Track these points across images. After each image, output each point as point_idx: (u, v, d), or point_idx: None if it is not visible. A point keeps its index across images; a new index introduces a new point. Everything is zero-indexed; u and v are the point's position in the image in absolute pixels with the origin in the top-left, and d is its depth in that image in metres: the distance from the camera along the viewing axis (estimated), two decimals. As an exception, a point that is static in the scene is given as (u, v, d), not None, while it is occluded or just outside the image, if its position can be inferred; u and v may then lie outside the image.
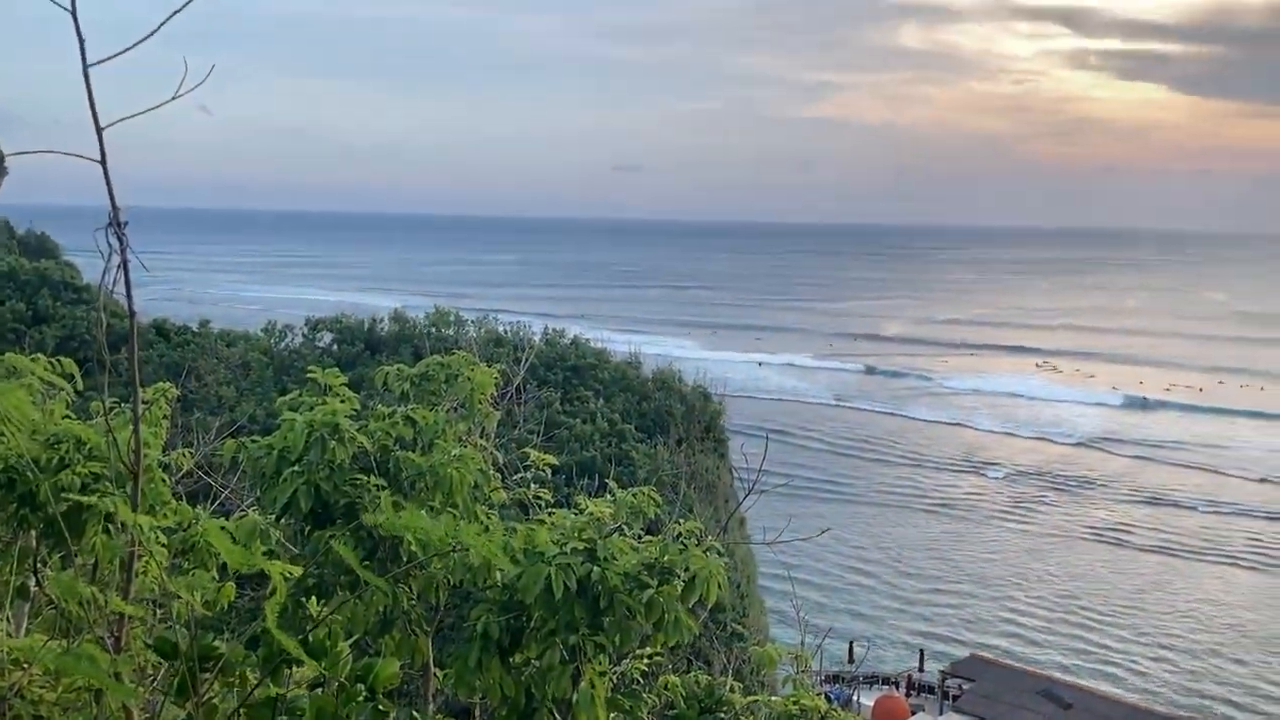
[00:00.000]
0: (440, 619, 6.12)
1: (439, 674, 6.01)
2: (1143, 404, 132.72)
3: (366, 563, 5.55)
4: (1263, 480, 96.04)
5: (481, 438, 6.78)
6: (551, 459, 6.89)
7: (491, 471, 6.36)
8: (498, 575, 5.52)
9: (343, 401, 6.11)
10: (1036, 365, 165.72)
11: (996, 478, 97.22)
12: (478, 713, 6.07)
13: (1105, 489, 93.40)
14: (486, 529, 5.69)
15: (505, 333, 52.55)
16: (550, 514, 6.13)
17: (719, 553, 5.74)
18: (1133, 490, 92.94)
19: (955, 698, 50.06)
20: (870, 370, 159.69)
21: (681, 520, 6.18)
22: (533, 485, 6.69)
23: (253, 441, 6.02)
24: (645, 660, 6.45)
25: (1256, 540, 79.44)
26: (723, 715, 6.51)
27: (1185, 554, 76.70)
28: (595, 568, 5.35)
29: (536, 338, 51.98)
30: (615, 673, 6.24)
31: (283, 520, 5.85)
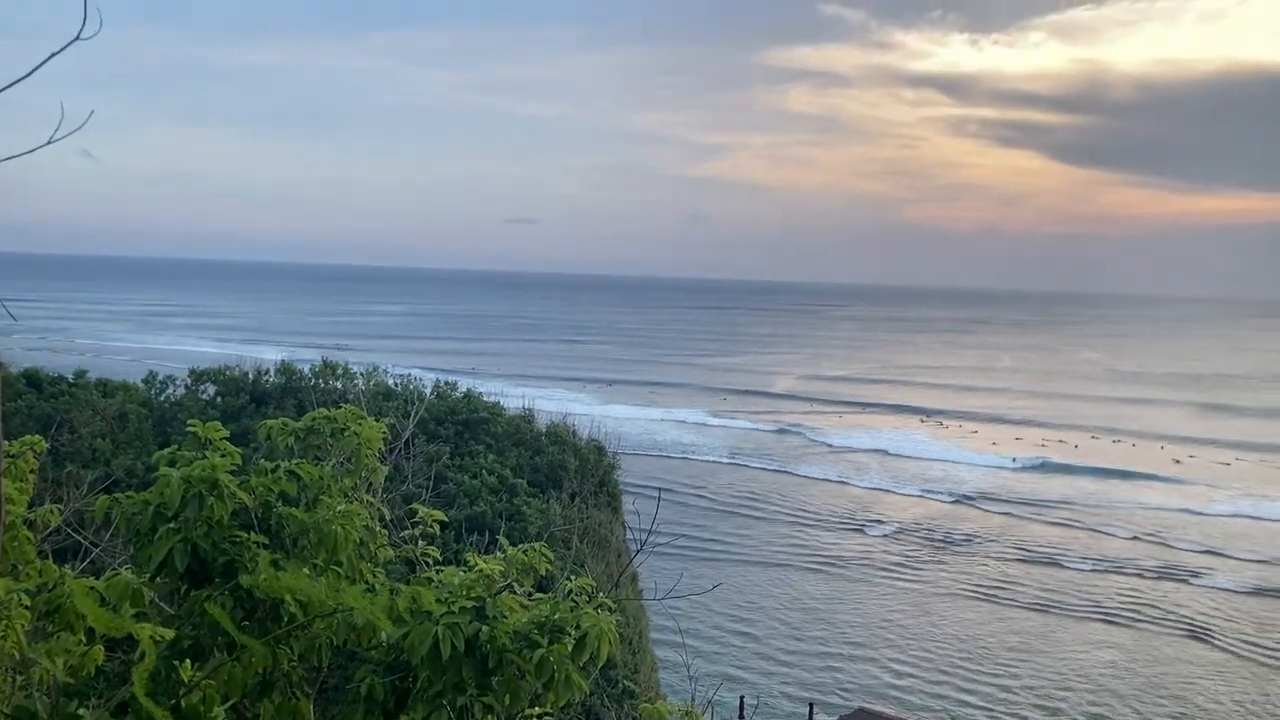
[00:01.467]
0: (323, 680, 5.94)
1: (320, 739, 5.81)
2: (1022, 462, 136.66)
3: (246, 623, 5.36)
4: (1134, 538, 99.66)
5: (368, 493, 6.65)
6: (440, 515, 6.78)
7: (378, 528, 6.22)
8: (383, 635, 5.38)
9: (223, 456, 5.92)
10: (920, 421, 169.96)
11: (880, 535, 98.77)
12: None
13: (985, 546, 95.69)
14: (371, 588, 5.57)
15: (395, 385, 51.75)
16: (439, 571, 6.02)
17: (610, 609, 5.71)
18: (1011, 547, 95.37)
19: (844, 751, 50.34)
20: (761, 427, 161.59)
21: (573, 576, 6.13)
22: (420, 542, 6.57)
23: (127, 497, 5.79)
24: (535, 720, 6.35)
25: (1128, 597, 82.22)
26: (612, 775, 6.43)
27: (1060, 610, 78.94)
28: (484, 626, 5.26)
29: (427, 391, 51.30)
30: (504, 734, 6.13)
31: (158, 579, 5.62)
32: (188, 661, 5.05)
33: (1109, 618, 77.63)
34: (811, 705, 60.10)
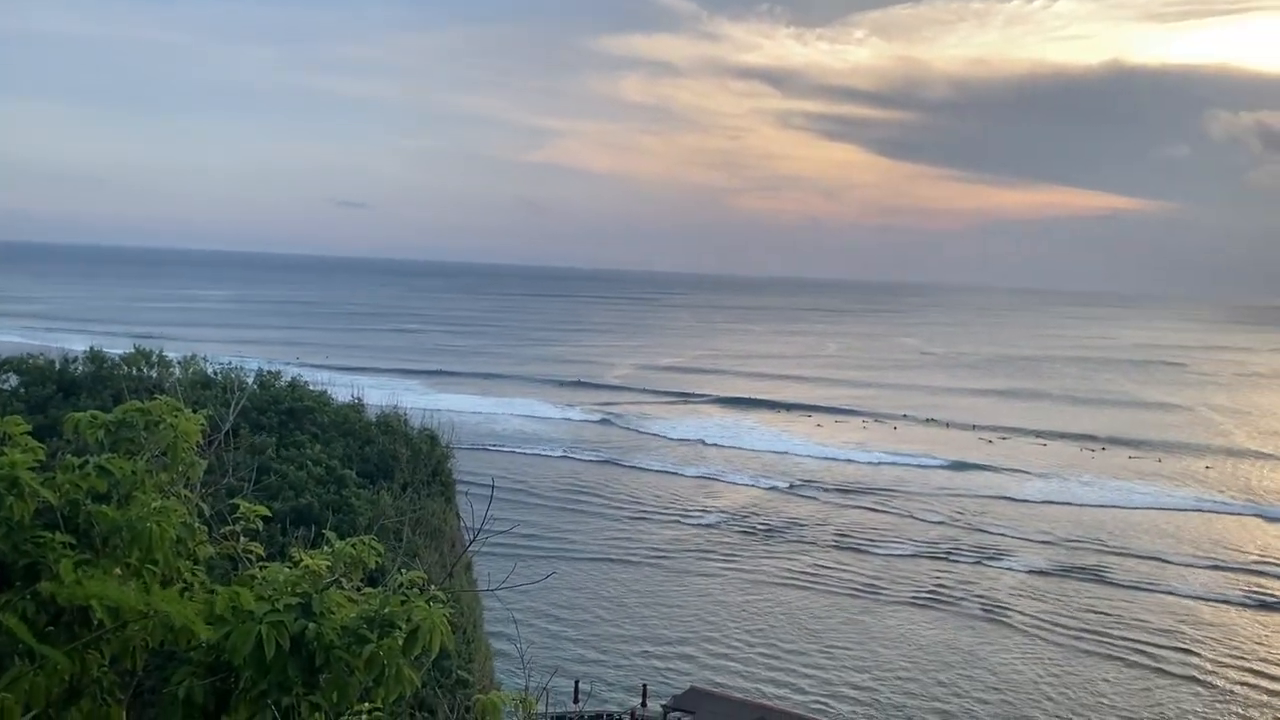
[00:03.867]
0: (139, 683, 5.67)
1: (134, 746, 5.55)
2: (844, 450, 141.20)
3: (51, 628, 5.06)
4: (941, 523, 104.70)
5: (186, 488, 6.36)
6: (264, 509, 6.55)
7: (197, 524, 5.97)
8: (202, 635, 5.17)
9: (24, 451, 5.57)
10: (747, 411, 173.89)
11: (704, 525, 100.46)
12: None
13: (804, 532, 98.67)
14: (189, 587, 5.34)
15: (215, 374, 49.56)
16: (263, 568, 5.81)
17: (443, 601, 5.65)
18: (829, 534, 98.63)
19: (677, 731, 51.34)
20: (593, 418, 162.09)
21: (405, 569, 6.03)
22: (242, 538, 6.33)
23: (-86, 498, 5.36)
24: (364, 716, 6.22)
25: (937, 579, 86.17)
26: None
27: (868, 594, 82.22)
28: (310, 624, 5.12)
29: (250, 380, 49.41)
30: (332, 732, 5.99)
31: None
32: (-15, 672, 4.73)
33: (921, 601, 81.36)
34: (645, 686, 61.06)
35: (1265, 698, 66.96)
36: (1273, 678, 68.50)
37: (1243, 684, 68.54)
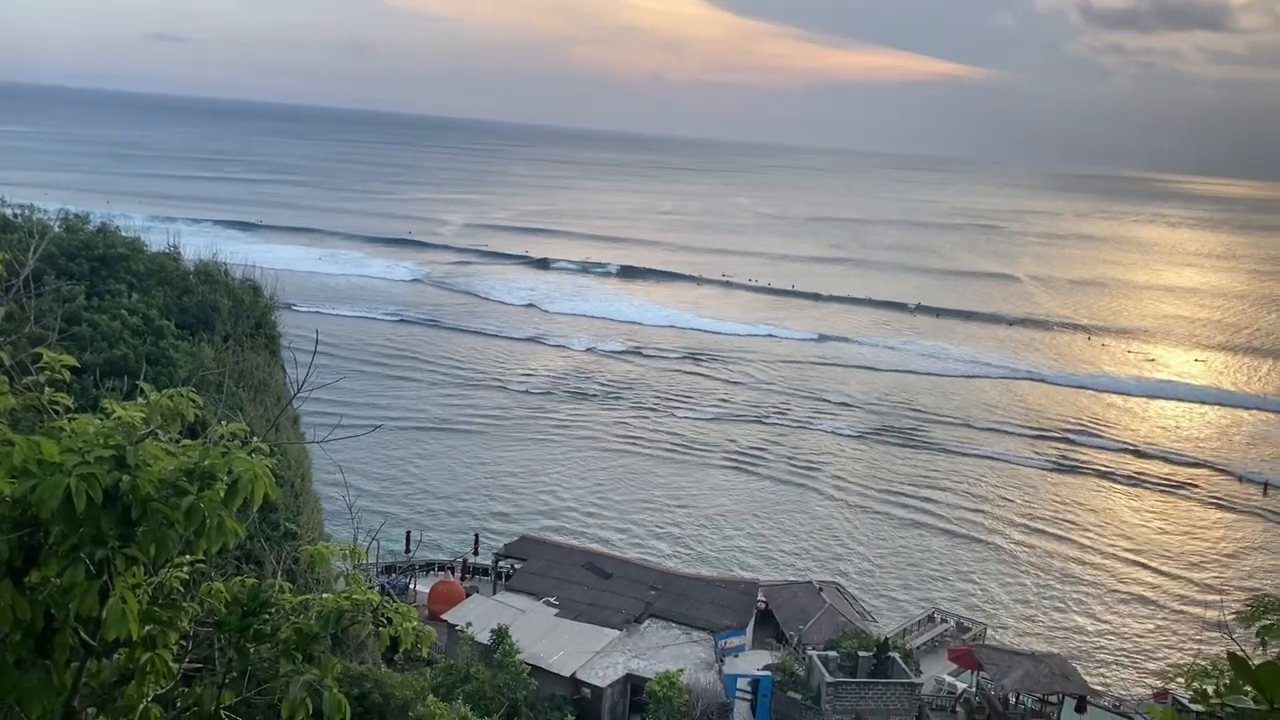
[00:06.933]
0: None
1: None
2: (678, 313, 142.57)
3: None
4: (764, 386, 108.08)
5: (-18, 336, 5.98)
6: (70, 359, 6.23)
7: (-5, 374, 5.65)
8: (4, 489, 4.95)
9: None
10: (583, 273, 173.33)
11: (535, 391, 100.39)
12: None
13: (628, 397, 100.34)
14: (-12, 439, 5.07)
15: (14, 217, 46.06)
16: (72, 420, 5.57)
17: (266, 453, 5.56)
18: (654, 398, 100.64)
19: (509, 577, 52.68)
20: (422, 277, 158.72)
21: (226, 422, 5.89)
22: (48, 389, 6.02)
23: None
24: (186, 568, 6.14)
25: (752, 442, 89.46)
26: (268, 617, 6.37)
27: (684, 454, 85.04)
28: (125, 476, 4.97)
29: (54, 223, 46.18)
30: (151, 584, 5.90)
31: None
32: None
33: (735, 461, 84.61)
34: (476, 536, 62.24)
35: (1021, 547, 73.47)
36: (1039, 531, 74.77)
37: (1015, 531, 74.98)
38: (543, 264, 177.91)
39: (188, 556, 5.98)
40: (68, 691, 5.36)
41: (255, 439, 5.76)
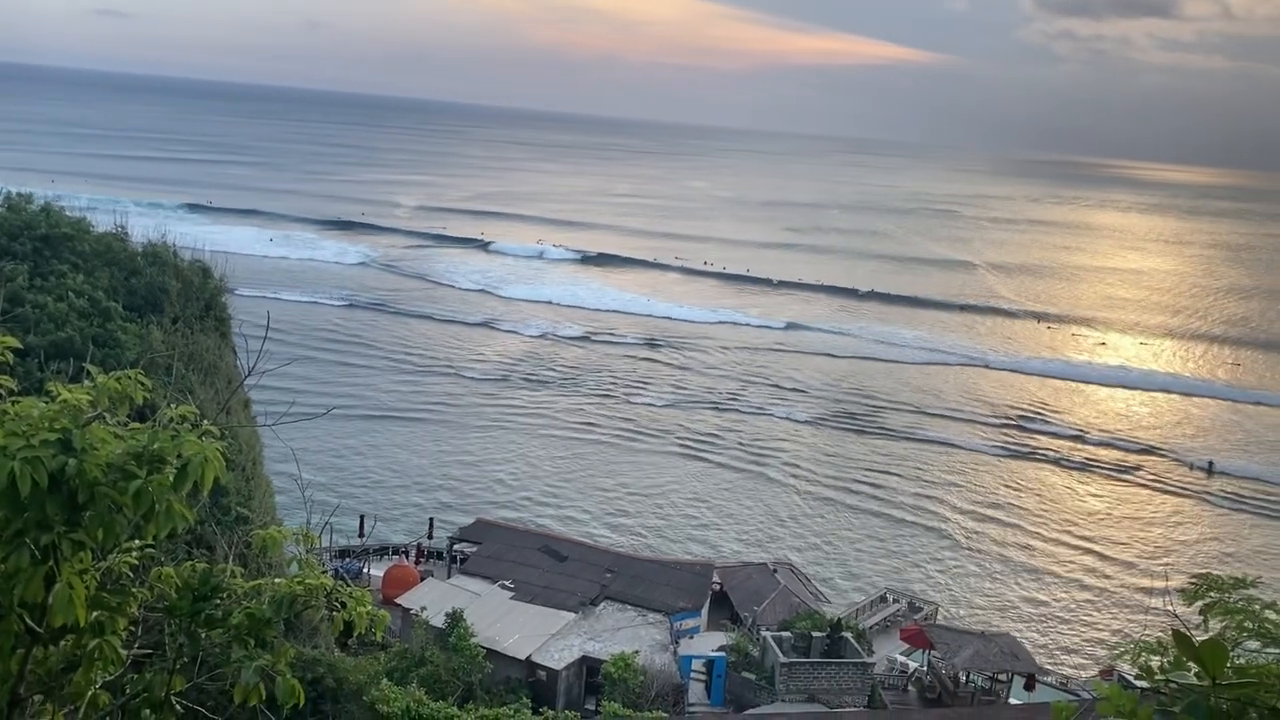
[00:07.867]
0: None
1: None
2: (625, 301, 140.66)
3: None
4: (716, 373, 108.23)
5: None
6: (13, 340, 6.11)
7: (-65, 356, 5.52)
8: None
9: None
10: (537, 259, 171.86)
11: (489, 377, 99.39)
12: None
13: (582, 384, 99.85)
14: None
15: (-46, 196, 45.00)
16: (15, 403, 5.46)
17: (217, 436, 5.49)
18: (609, 384, 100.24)
19: (463, 560, 52.50)
20: (374, 261, 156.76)
21: (175, 405, 5.81)
22: (-10, 371, 5.90)
23: None
24: (135, 553, 6.06)
25: (708, 428, 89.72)
26: (219, 602, 6.30)
27: (639, 440, 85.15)
28: (71, 460, 4.89)
29: (-5, 202, 45.12)
30: (100, 569, 5.81)
31: None
32: None
33: (688, 448, 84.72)
34: (431, 520, 61.97)
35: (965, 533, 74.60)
36: (988, 519, 75.79)
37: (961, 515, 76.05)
38: (496, 248, 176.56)
39: (137, 541, 5.90)
40: (13, 679, 5.28)
41: (205, 422, 5.69)
